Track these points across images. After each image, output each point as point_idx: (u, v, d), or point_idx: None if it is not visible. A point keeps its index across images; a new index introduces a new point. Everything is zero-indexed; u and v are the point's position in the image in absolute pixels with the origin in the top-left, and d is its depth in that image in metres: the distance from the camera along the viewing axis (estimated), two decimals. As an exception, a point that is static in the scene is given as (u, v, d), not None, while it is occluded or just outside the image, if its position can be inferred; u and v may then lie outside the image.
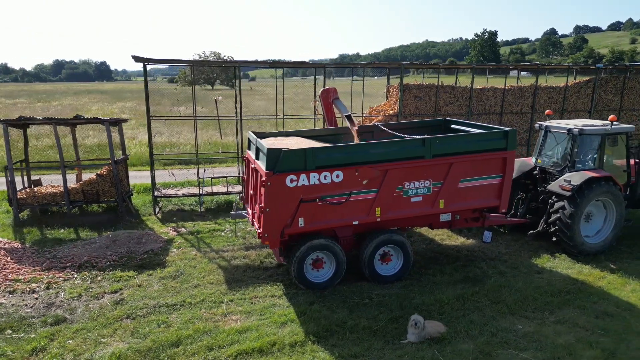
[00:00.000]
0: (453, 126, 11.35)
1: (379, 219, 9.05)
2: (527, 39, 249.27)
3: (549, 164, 11.54)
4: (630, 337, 7.41)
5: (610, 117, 10.64)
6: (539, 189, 11.51)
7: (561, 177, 10.68)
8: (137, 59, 12.79)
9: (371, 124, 12.03)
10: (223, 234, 12.06)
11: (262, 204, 8.38)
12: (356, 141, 10.09)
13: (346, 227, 9.25)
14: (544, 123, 11.65)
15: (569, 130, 10.84)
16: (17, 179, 13.38)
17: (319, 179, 8.45)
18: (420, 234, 12.11)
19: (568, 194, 10.33)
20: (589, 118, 17.07)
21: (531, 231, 11.22)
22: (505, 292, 8.86)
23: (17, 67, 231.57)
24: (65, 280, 9.38)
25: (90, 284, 9.22)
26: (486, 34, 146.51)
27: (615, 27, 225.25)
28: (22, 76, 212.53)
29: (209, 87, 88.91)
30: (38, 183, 13.91)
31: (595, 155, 10.86)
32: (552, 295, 8.78)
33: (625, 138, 11.25)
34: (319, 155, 8.44)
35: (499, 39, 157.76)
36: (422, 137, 9.15)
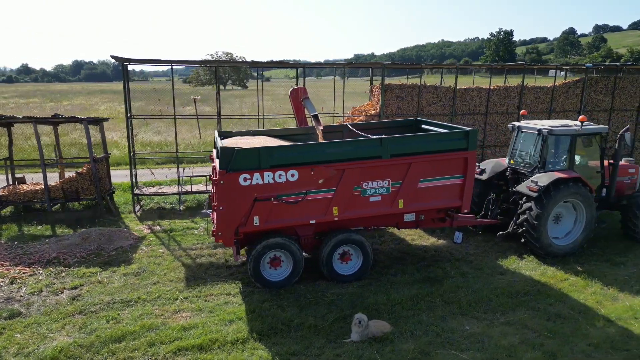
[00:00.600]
0: (423, 126, 11.31)
1: (336, 219, 9.06)
2: (545, 38, 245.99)
3: (521, 164, 11.43)
4: (576, 340, 7.31)
5: (580, 117, 10.49)
6: (510, 189, 11.41)
7: (530, 178, 10.58)
8: (117, 59, 13.00)
9: (340, 124, 12.02)
10: (196, 232, 12.18)
11: (216, 203, 8.46)
12: (320, 141, 10.12)
13: (307, 226, 9.28)
14: (517, 123, 11.55)
15: (539, 130, 10.73)
16: (2, 177, 13.67)
17: (273, 178, 8.49)
18: (392, 234, 12.09)
19: (535, 194, 10.22)
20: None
21: (500, 232, 11.13)
22: (461, 293, 8.80)
23: (37, 68, 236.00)
24: (30, 275, 9.58)
25: (54, 279, 9.40)
26: (502, 33, 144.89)
27: (637, 26, 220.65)
28: (42, 76, 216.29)
29: (221, 87, 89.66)
30: (22, 181, 14.21)
31: (566, 156, 10.72)
32: (508, 297, 8.70)
33: (598, 139, 11.09)
34: (273, 154, 8.48)
35: (516, 39, 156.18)
36: (379, 137, 9.14)
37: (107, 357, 6.85)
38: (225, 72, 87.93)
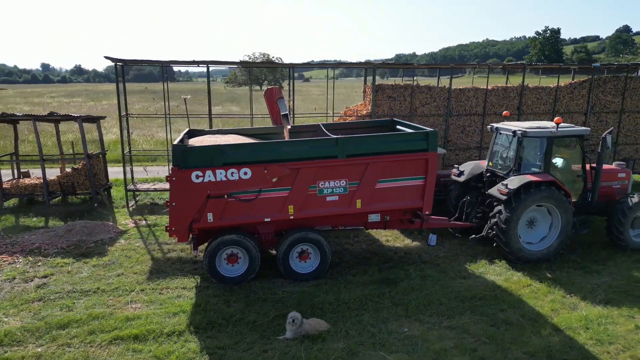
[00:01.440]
0: (398, 127, 11.23)
1: (292, 217, 9.15)
2: (597, 36, 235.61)
3: (499, 167, 11.16)
4: (513, 347, 7.12)
5: (556, 119, 10.14)
6: (486, 192, 11.16)
7: (502, 181, 10.33)
8: (110, 59, 13.53)
9: (314, 123, 12.06)
10: (177, 227, 12.50)
11: (169, 199, 8.72)
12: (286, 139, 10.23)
13: (267, 224, 9.41)
14: (495, 125, 11.28)
15: (514, 132, 10.45)
16: (8, 171, 14.49)
17: (225, 176, 8.67)
18: (367, 234, 12.05)
19: (504, 197, 9.97)
20: (585, 120, 16.20)
21: (473, 235, 10.91)
22: (413, 295, 8.71)
23: (90, 69, 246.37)
24: (9, 264, 10.15)
25: (29, 268, 9.93)
26: (548, 31, 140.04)
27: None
28: (94, 77, 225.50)
29: (258, 87, 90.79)
30: (26, 175, 15.02)
31: (542, 159, 10.38)
32: (461, 301, 8.55)
33: (580, 141, 10.68)
34: (226, 152, 8.66)
35: (565, 37, 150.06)
36: (335, 137, 9.17)
37: (48, 342, 7.21)
38: (262, 72, 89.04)
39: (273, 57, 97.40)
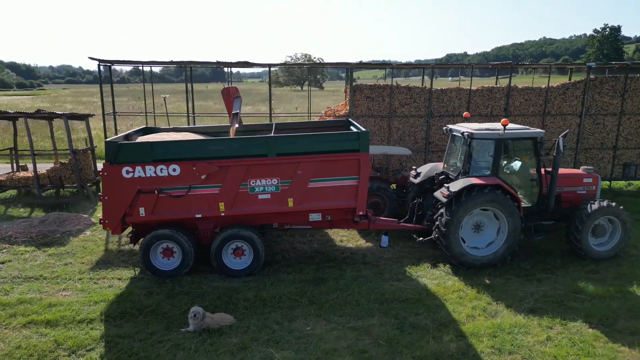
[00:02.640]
0: (351, 127, 11.20)
1: (223, 214, 9.35)
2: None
3: (452, 169, 10.91)
4: (405, 350, 7.00)
5: (502, 120, 9.80)
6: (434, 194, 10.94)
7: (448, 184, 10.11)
8: (93, 59, 14.23)
9: (269, 122, 12.18)
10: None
11: (102, 193, 9.13)
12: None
13: (206, 220, 9.67)
14: (450, 126, 11.02)
15: (462, 133, 10.20)
16: (7, 165, 15.53)
17: (155, 172, 8.99)
18: (325, 234, 12.06)
19: (445, 200, 9.77)
20: (580, 123, 15.47)
21: (421, 238, 10.73)
22: (334, 295, 8.70)
23: (147, 69, 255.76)
24: (-23, 250, 10.92)
25: (-8, 254, 10.66)
26: (607, 29, 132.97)
27: None
28: (151, 78, 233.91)
29: (299, 88, 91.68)
30: (24, 168, 16.02)
31: (490, 161, 10.07)
32: (380, 303, 8.46)
33: (533, 144, 10.27)
34: (155, 149, 8.98)
35: (630, 35, 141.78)
36: (265, 136, 9.29)
37: (-30, 323, 7.76)
38: (303, 73, 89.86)
39: (315, 58, 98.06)
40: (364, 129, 9.50)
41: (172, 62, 14.40)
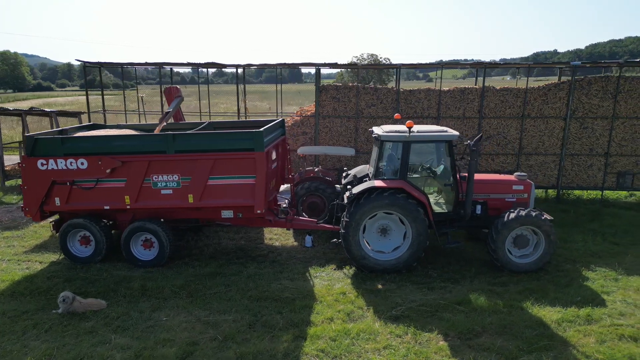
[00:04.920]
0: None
1: (128, 207, 9.92)
2: None
3: (371, 171, 10.71)
4: (235, 346, 7.07)
5: (407, 122, 9.49)
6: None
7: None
8: (79, 61, 15.44)
9: (206, 121, 12.54)
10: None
11: (22, 182, 10.01)
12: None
13: (124, 211, 10.30)
14: (373, 128, 10.81)
15: (374, 135, 10.02)
16: (16, 157, 17.28)
17: (65, 165, 9.73)
18: (260, 232, 12.26)
19: (345, 202, 9.67)
20: (564, 126, 14.38)
21: (335, 239, 10.63)
22: (213, 290, 8.92)
23: (229, 71, 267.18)
24: (-49, 231, 12.37)
25: (-41, 235, 12.02)
26: None
27: None
28: (232, 78, 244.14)
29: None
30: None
31: (398, 164, 9.78)
32: (252, 300, 8.56)
33: (447, 148, 9.83)
34: (66, 143, 9.72)
35: None
36: (164, 133, 9.71)
37: None
38: (368, 72, 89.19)
39: (381, 58, 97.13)
40: (256, 130, 9.61)
41: (147, 64, 15.28)
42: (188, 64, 15.41)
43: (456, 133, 9.74)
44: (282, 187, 12.36)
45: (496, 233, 9.52)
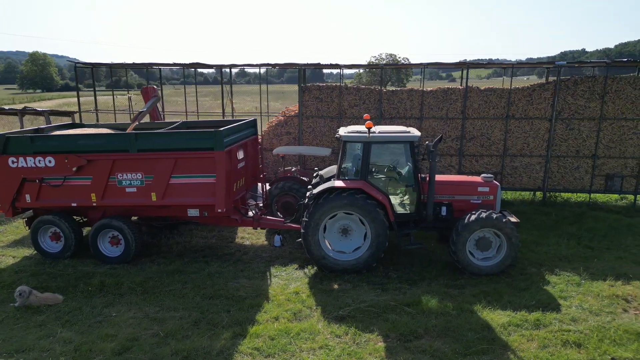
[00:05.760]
0: (252, 127, 11.50)
1: (95, 204, 10.14)
2: None
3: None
4: (174, 342, 7.15)
5: (366, 123, 9.45)
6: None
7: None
8: (71, 61, 15.82)
9: (181, 120, 12.68)
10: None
11: (-6, 180, 10.33)
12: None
13: (95, 209, 10.54)
14: (340, 129, 10.79)
15: (336, 136, 10.02)
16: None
17: (34, 163, 10.00)
18: (233, 231, 12.33)
19: (305, 202, 9.70)
20: (550, 127, 14.11)
21: (299, 239, 10.64)
22: (170, 287, 9.07)
23: (251, 71, 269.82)
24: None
25: (-55, 230, 12.46)
26: None
27: None
28: (254, 79, 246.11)
29: (382, 87, 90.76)
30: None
31: (359, 165, 9.76)
32: (205, 298, 8.65)
33: (409, 149, 9.76)
34: (35, 142, 9.98)
35: None
36: (125, 132, 9.90)
37: None
38: (386, 73, 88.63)
39: (400, 58, 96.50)
40: (216, 130, 9.70)
41: (134, 65, 15.55)
42: (174, 65, 15.62)
43: (417, 134, 9.66)
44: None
45: (457, 235, 9.41)
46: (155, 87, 12.57)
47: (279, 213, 12.36)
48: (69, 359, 6.85)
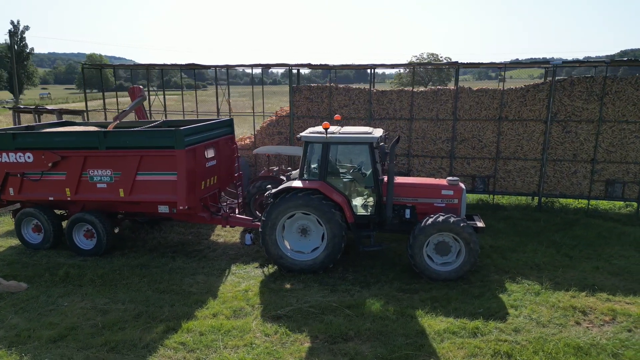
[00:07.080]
0: (228, 127, 11.74)
1: (69, 199, 10.62)
2: None
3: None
4: (108, 333, 7.42)
5: (323, 123, 9.43)
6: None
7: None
8: (77, 62, 16.57)
9: (161, 119, 12.99)
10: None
11: (-19, 174, 11.00)
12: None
13: (75, 203, 11.04)
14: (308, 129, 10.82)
15: (297, 136, 10.06)
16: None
17: (15, 158, 10.59)
18: (210, 228, 12.54)
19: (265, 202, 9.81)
20: (545, 130, 13.56)
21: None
22: (127, 280, 9.39)
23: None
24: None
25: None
26: None
27: None
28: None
29: (422, 87, 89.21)
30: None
31: (319, 165, 9.75)
32: (156, 292, 8.92)
33: (369, 150, 9.66)
34: (17, 138, 10.57)
35: None
36: (96, 130, 10.30)
37: None
38: (427, 72, 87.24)
39: (442, 57, 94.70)
40: (177, 128, 9.93)
41: (138, 65, 16.11)
42: (172, 66, 16.07)
43: (377, 135, 9.55)
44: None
45: (413, 238, 9.24)
46: (141, 87, 13.02)
47: (257, 212, 12.48)
48: (6, 344, 7.23)
